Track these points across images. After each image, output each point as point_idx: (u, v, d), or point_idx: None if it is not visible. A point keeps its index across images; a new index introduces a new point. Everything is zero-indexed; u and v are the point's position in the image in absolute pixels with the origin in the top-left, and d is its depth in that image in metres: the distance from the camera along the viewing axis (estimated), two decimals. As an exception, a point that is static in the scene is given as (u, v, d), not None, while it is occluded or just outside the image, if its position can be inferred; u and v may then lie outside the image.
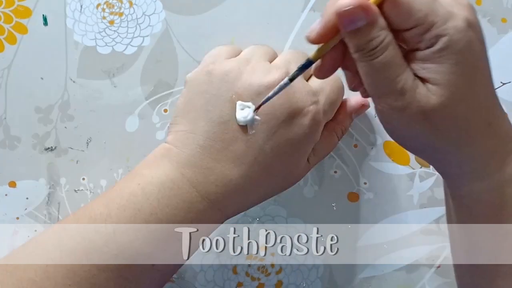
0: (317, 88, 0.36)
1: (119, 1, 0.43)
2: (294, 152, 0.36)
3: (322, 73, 0.31)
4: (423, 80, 0.29)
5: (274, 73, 0.35)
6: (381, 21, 0.28)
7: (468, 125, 0.29)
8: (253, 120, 0.34)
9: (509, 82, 0.43)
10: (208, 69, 0.36)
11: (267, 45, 0.39)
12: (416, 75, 0.29)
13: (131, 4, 0.43)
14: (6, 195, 0.45)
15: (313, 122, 0.35)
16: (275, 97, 0.34)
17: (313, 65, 0.31)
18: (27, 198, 0.45)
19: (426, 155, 0.33)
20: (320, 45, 0.30)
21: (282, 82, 0.32)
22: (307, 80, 0.37)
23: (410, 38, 0.28)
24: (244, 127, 0.35)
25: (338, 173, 0.44)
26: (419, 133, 0.30)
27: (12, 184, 0.45)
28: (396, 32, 0.28)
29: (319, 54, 0.30)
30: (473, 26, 0.28)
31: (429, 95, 0.28)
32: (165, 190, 0.34)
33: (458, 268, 0.37)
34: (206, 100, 0.35)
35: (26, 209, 0.45)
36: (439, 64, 0.28)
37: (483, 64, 0.29)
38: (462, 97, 0.29)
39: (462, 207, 0.33)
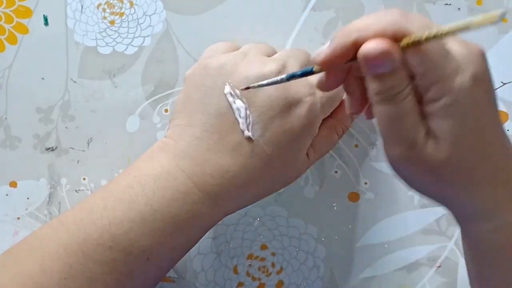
0: (315, 81, 0.36)
1: (119, 1, 0.43)
2: (292, 144, 0.36)
3: (324, 87, 0.32)
4: (433, 133, 0.29)
5: (271, 65, 0.35)
6: (404, 71, 0.27)
7: (473, 176, 0.30)
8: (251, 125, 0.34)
9: (510, 82, 0.43)
10: (205, 62, 0.36)
11: (267, 43, 0.39)
12: (427, 129, 0.29)
13: (131, 4, 0.43)
14: (7, 195, 0.45)
15: (310, 113, 0.35)
16: (272, 89, 0.34)
17: (317, 79, 0.31)
18: (28, 198, 0.45)
19: (431, 198, 0.33)
20: None
21: (279, 77, 0.32)
22: None
23: (419, 85, 0.28)
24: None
25: (338, 173, 0.44)
26: (424, 181, 0.30)
27: (13, 184, 0.45)
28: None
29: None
30: (480, 80, 0.28)
31: (436, 150, 0.28)
32: (161, 181, 0.34)
33: None
34: (203, 93, 0.35)
35: (27, 209, 0.45)
36: (445, 120, 0.28)
37: (489, 117, 0.29)
38: (468, 152, 0.29)
39: (471, 242, 0.33)
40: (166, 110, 0.44)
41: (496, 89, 0.43)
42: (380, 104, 0.28)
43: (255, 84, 0.33)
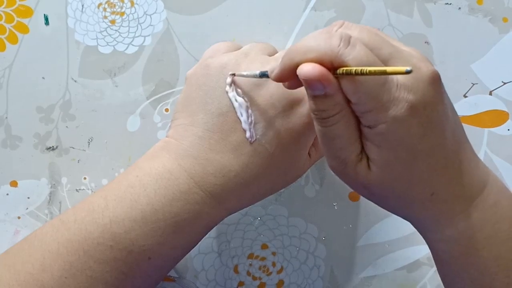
0: None
1: (120, 1, 0.43)
2: (294, 143, 0.36)
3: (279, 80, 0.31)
4: (366, 154, 0.29)
5: (273, 64, 0.35)
6: (339, 97, 0.28)
7: (406, 198, 0.31)
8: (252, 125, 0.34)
9: (510, 81, 0.43)
10: (206, 62, 0.36)
11: (268, 43, 0.39)
12: (363, 150, 0.30)
13: (132, 3, 0.43)
14: (7, 194, 0.45)
15: None
16: (274, 87, 0.34)
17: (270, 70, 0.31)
18: (28, 198, 0.45)
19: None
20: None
21: (256, 72, 0.33)
22: None
23: (355, 111, 0.29)
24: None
25: (339, 172, 0.44)
26: (361, 193, 0.32)
27: (14, 184, 0.45)
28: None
29: None
30: (419, 111, 0.27)
31: (367, 171, 0.30)
32: (162, 180, 0.34)
33: None
34: (204, 93, 0.35)
35: (27, 208, 0.45)
36: (377, 146, 0.29)
37: (423, 146, 0.29)
38: (398, 178, 0.29)
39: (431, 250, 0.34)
40: (166, 110, 0.44)
41: (496, 89, 0.43)
42: (315, 121, 0.29)
43: (240, 73, 0.34)
